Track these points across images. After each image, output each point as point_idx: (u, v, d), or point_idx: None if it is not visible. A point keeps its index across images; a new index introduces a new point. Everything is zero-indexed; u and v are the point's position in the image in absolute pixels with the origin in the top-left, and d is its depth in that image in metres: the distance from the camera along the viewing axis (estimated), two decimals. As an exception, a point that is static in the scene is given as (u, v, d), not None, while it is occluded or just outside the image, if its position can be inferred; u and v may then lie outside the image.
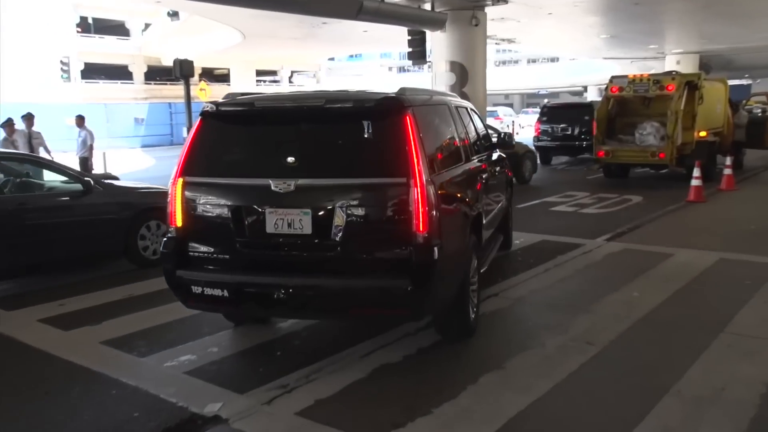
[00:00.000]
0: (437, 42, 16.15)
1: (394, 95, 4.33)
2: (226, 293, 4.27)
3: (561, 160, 19.97)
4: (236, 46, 39.01)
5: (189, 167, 4.41)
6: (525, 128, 38.73)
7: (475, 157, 5.71)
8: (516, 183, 14.71)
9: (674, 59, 35.29)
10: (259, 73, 53.80)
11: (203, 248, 4.40)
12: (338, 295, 4.16)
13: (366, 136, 4.26)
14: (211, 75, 54.21)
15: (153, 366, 4.58)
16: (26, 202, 6.77)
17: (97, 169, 15.23)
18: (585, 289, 6.15)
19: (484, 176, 5.80)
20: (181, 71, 13.80)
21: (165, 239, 4.49)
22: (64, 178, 7.26)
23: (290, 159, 4.28)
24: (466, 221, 4.88)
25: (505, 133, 7.19)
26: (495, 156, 6.83)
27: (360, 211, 4.11)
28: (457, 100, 6.04)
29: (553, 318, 5.31)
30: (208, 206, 4.37)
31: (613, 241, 8.35)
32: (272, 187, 4.14)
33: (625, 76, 14.68)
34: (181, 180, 4.39)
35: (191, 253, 4.41)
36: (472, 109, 6.43)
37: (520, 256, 7.62)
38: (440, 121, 5.02)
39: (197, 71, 37.03)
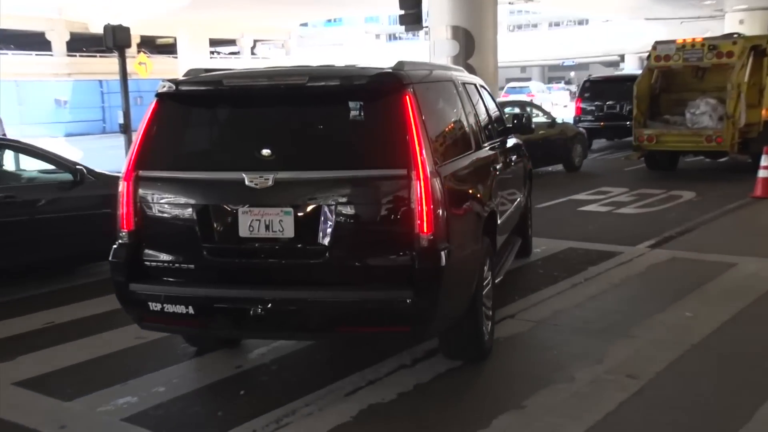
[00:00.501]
0: (436, 2, 16.19)
1: (390, 70, 4.47)
2: (191, 310, 4.37)
3: (593, 147, 20.04)
4: (184, 8, 39.02)
5: (144, 159, 4.49)
6: (554, 107, 39.15)
7: (486, 144, 5.86)
8: (564, 170, 15.73)
9: (736, 18, 35.44)
10: (213, 42, 53.81)
11: (163, 256, 4.52)
12: (326, 310, 4.29)
13: (358, 119, 4.39)
14: (153, 45, 54.10)
15: (82, 412, 4.56)
16: (13, 194, 7.21)
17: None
18: (623, 309, 6.19)
19: (498, 167, 5.97)
20: (114, 40, 13.73)
21: (115, 246, 4.57)
22: (49, 167, 7.69)
23: (267, 148, 4.43)
24: (479, 221, 5.02)
25: (523, 115, 7.32)
26: (510, 143, 7.03)
27: (352, 210, 4.24)
28: (465, 76, 6.24)
29: (584, 345, 5.34)
30: (168, 206, 4.50)
31: (658, 248, 8.42)
32: (246, 182, 4.24)
33: (673, 42, 14.79)
34: (134, 175, 4.48)
35: (147, 263, 4.52)
36: (482, 86, 6.61)
37: (541, 267, 7.67)
38: (445, 101, 5.18)
39: (135, 40, 36.95)
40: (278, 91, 4.51)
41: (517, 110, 15.33)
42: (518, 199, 7.08)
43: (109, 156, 19.01)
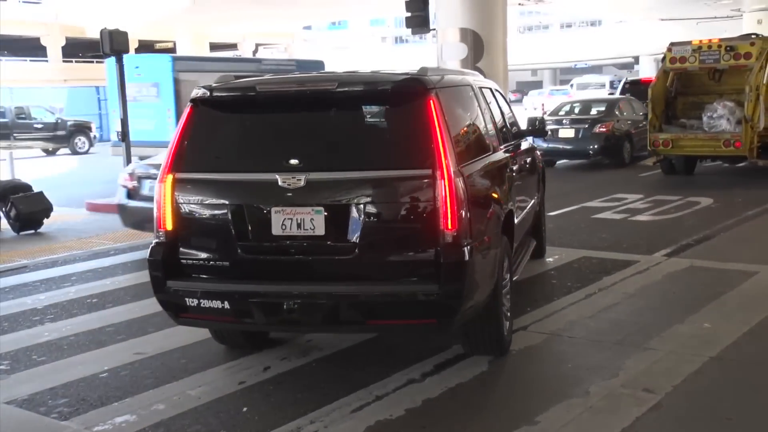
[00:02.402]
0: (444, 4, 16.20)
1: (415, 76, 4.90)
2: (227, 305, 4.74)
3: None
4: (183, 12, 39.14)
5: (179, 162, 4.88)
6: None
7: (503, 147, 6.24)
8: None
9: (754, 18, 35.37)
10: (213, 47, 53.94)
11: (199, 254, 4.93)
12: (357, 303, 4.68)
13: (385, 122, 4.99)
14: (152, 49, 54.21)
15: None
16: None
17: (3, 175, 15.27)
18: (639, 320, 6.18)
19: (514, 168, 6.38)
20: (111, 45, 13.74)
21: (152, 245, 4.95)
22: None
23: (299, 150, 4.82)
24: (498, 220, 5.38)
25: (537, 119, 7.84)
26: (524, 145, 7.43)
27: (380, 208, 4.66)
28: (481, 80, 6.65)
29: (599, 358, 5.34)
30: (203, 206, 4.91)
31: (675, 256, 8.40)
32: (279, 183, 4.63)
33: (689, 43, 14.79)
34: (170, 177, 4.85)
35: (184, 261, 4.90)
36: (497, 90, 6.99)
37: (555, 277, 7.66)
38: (465, 105, 5.61)
39: (133, 45, 37.15)
40: (309, 96, 4.90)
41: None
42: (533, 201, 7.44)
43: (110, 164, 19.12)
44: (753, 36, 15.00)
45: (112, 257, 9.45)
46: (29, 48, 46.96)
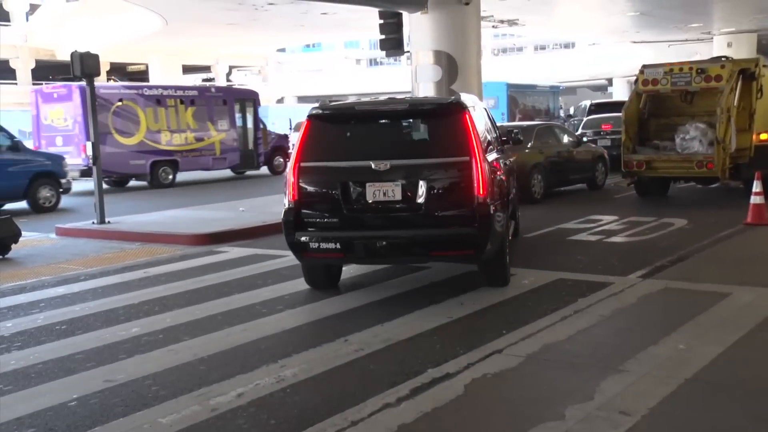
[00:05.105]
0: (418, 27, 16.33)
1: (457, 100, 7.97)
2: (338, 246, 7.50)
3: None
4: (156, 34, 39.12)
5: (303, 155, 7.59)
6: None
7: (499, 147, 9.18)
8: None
9: (724, 41, 36.13)
10: (186, 69, 53.87)
11: (317, 214, 7.60)
12: (423, 241, 7.47)
13: (439, 128, 7.85)
14: (124, 72, 54.14)
15: (46, 460, 4.49)
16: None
17: None
18: (614, 342, 6.21)
19: (507, 163, 9.36)
20: (82, 68, 13.64)
21: (285, 209, 7.64)
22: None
23: (385, 146, 7.72)
24: (504, 192, 8.23)
25: (514, 131, 10.82)
26: (507, 149, 10.23)
27: (437, 182, 7.45)
28: (480, 101, 9.81)
29: (575, 380, 5.35)
30: (320, 183, 7.64)
31: (650, 278, 8.47)
32: (373, 167, 7.42)
33: (661, 65, 15.01)
34: (297, 165, 7.55)
35: (306, 220, 7.58)
36: (485, 108, 9.73)
37: (530, 300, 7.68)
38: (480, 118, 8.35)
39: (104, 67, 37.04)
40: (390, 112, 8.07)
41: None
42: (513, 189, 9.95)
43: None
44: (723, 59, 15.24)
45: (82, 282, 9.37)
46: (-2, 70, 46.60)
